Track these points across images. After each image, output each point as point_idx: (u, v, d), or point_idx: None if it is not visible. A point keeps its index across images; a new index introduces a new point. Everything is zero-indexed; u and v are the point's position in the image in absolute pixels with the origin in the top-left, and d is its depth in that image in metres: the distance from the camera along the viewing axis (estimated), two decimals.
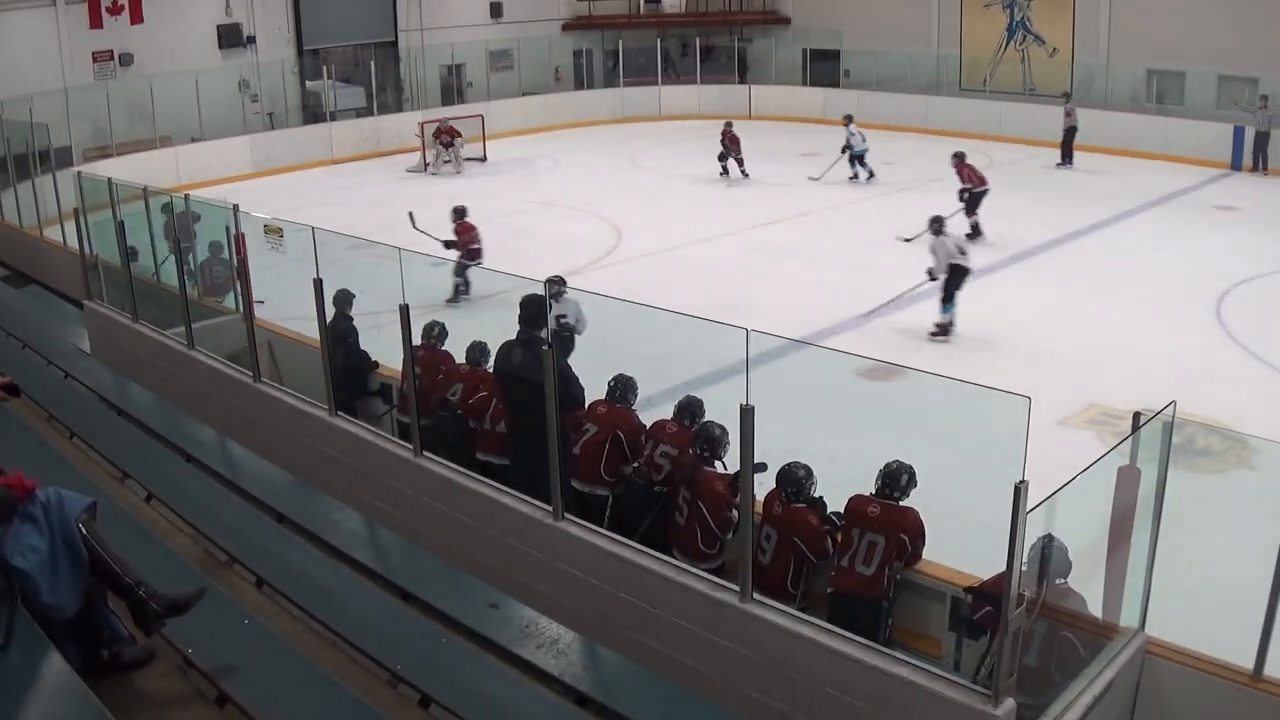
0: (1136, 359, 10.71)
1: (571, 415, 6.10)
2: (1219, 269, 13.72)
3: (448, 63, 26.91)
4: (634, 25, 30.17)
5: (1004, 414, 3.78)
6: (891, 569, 5.12)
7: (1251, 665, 4.41)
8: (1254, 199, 18.19)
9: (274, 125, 24.16)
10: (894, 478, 5.27)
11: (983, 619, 4.68)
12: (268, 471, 6.24)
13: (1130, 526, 4.62)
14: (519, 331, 6.14)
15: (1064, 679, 4.37)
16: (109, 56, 22.05)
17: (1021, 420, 3.63)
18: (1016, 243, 15.24)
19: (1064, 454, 4.68)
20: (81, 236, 9.87)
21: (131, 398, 7.50)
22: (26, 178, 15.43)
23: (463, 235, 12.86)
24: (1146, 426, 4.40)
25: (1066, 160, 20.99)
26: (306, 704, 3.76)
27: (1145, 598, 4.61)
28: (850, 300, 12.66)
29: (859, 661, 4.29)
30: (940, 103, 25.30)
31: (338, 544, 5.23)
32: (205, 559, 4.95)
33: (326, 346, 7.01)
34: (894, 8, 26.96)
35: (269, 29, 24.40)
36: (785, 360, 7.13)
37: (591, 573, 5.28)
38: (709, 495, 5.58)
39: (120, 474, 5.93)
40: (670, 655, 4.92)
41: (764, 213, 17.38)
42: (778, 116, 27.80)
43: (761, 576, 5.09)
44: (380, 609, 4.58)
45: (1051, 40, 24.91)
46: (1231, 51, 21.19)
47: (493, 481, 5.93)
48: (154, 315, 8.87)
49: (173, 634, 3.90)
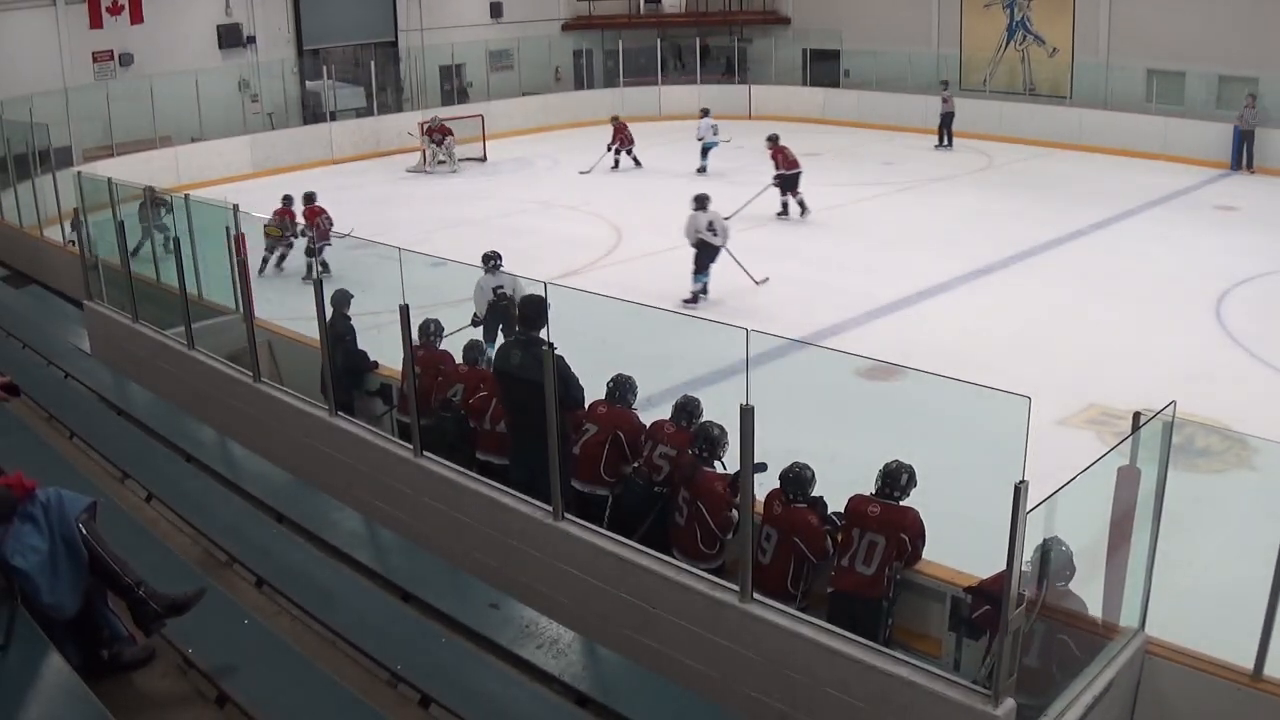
0: (1136, 359, 10.71)
1: (571, 415, 6.09)
2: (1219, 269, 13.72)
3: (448, 63, 26.91)
4: (634, 25, 30.17)
5: (1004, 414, 3.77)
6: (891, 569, 5.12)
7: (1251, 665, 4.41)
8: (1254, 199, 18.19)
9: (274, 125, 24.16)
10: (894, 477, 5.27)
11: (981, 618, 4.68)
12: (268, 471, 6.24)
13: (1130, 526, 4.62)
14: (517, 332, 6.13)
15: (1065, 680, 4.37)
16: (109, 56, 22.05)
17: (1021, 420, 3.63)
18: (1016, 242, 15.24)
19: (1064, 454, 4.68)
20: (81, 236, 9.88)
21: (131, 398, 7.49)
22: (26, 178, 15.44)
23: (310, 219, 13.70)
24: (1146, 426, 4.40)
25: (946, 143, 23.28)
26: (306, 704, 3.75)
27: (1145, 598, 4.61)
28: (850, 300, 12.67)
29: (859, 661, 4.29)
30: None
31: (338, 544, 5.23)
32: (205, 559, 4.95)
33: (326, 346, 7.01)
34: (894, 8, 26.95)
35: (269, 29, 24.40)
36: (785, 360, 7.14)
37: (591, 573, 5.28)
38: (708, 496, 5.58)
39: (120, 474, 5.93)
40: (670, 655, 4.92)
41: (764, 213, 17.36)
42: (778, 116, 27.76)
43: (761, 576, 5.09)
44: (380, 609, 4.58)
45: (1051, 40, 24.90)
46: (1231, 51, 21.19)
47: (493, 481, 5.93)
48: (154, 315, 8.87)
49: (173, 634, 3.90)
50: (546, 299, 5.68)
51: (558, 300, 5.48)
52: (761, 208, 16.76)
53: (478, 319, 9.63)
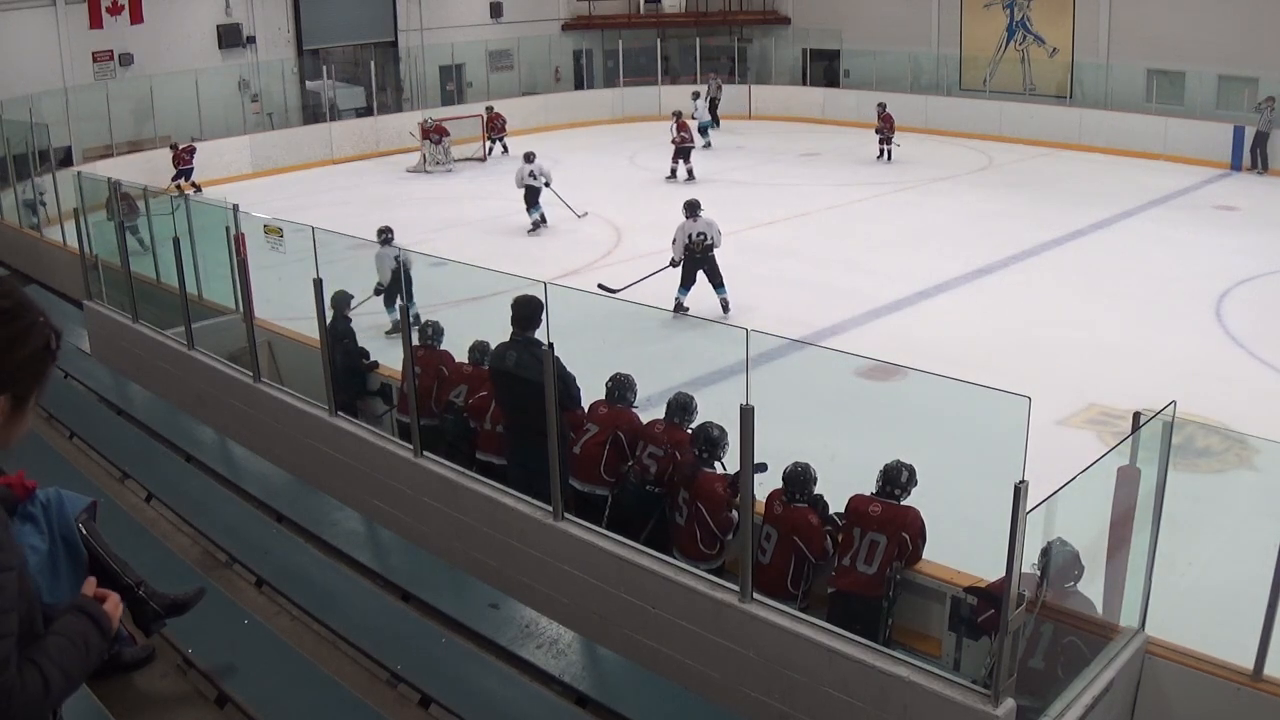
0: (1136, 359, 10.70)
1: (570, 415, 6.09)
2: (1219, 269, 13.72)
3: (448, 63, 26.92)
4: (634, 25, 30.17)
5: (1004, 414, 3.77)
6: (892, 569, 5.12)
7: (1251, 665, 4.41)
8: (1254, 199, 18.20)
9: (274, 125, 24.17)
10: (894, 476, 5.27)
11: (987, 621, 4.67)
12: (267, 471, 6.23)
13: (1130, 526, 4.62)
14: (512, 333, 6.11)
15: (1068, 681, 4.37)
16: (109, 56, 22.05)
17: (1021, 420, 3.63)
18: (1016, 242, 15.24)
19: (1064, 454, 4.68)
20: (81, 236, 9.87)
21: (131, 398, 7.49)
22: (26, 178, 15.44)
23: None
24: (1146, 426, 4.39)
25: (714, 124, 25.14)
26: (306, 704, 3.75)
27: (1145, 597, 4.61)
28: (850, 300, 12.66)
29: (859, 661, 4.29)
30: (940, 103, 25.32)
31: (338, 544, 5.23)
32: (205, 559, 4.94)
33: (326, 346, 7.01)
34: (894, 8, 26.96)
35: (269, 29, 24.40)
36: (785, 360, 7.14)
37: (591, 573, 5.28)
38: (708, 496, 5.58)
39: (120, 474, 5.93)
40: (670, 655, 4.92)
41: (763, 213, 17.38)
42: (778, 116, 27.82)
43: (761, 576, 5.09)
44: (380, 609, 4.58)
45: (1051, 40, 24.91)
46: (1231, 51, 21.20)
47: (492, 481, 5.93)
48: (154, 315, 8.87)
49: (173, 634, 3.90)
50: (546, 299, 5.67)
51: (557, 300, 5.47)
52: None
53: (381, 287, 11.03)
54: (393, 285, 10.75)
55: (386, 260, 10.86)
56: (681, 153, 20.19)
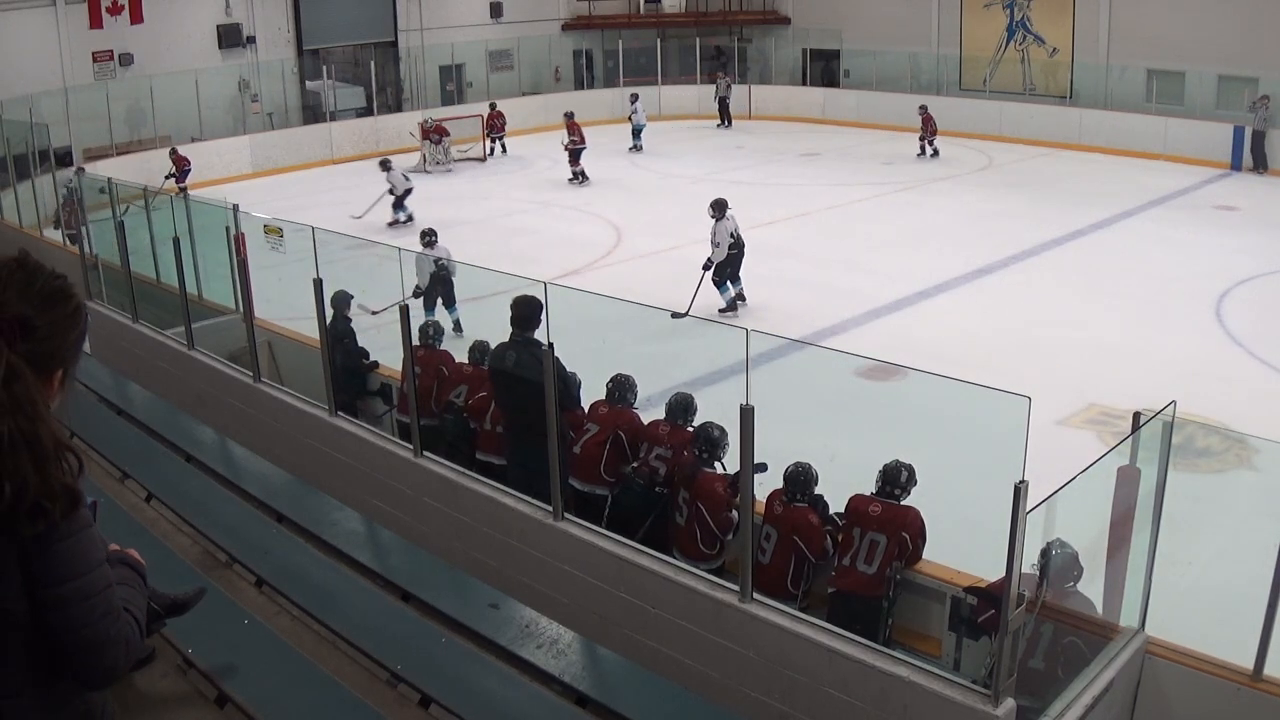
0: (1136, 359, 10.71)
1: (570, 415, 6.09)
2: (1219, 269, 13.72)
3: (448, 63, 26.92)
4: (634, 25, 30.18)
5: (1004, 414, 3.77)
6: (892, 569, 5.12)
7: (1251, 665, 4.41)
8: (1254, 199, 18.20)
9: (274, 125, 24.17)
10: (894, 476, 5.27)
11: (987, 622, 4.67)
12: (267, 471, 6.22)
13: (1130, 526, 4.62)
14: (512, 333, 6.11)
15: (1068, 681, 4.37)
16: (109, 56, 22.05)
17: (1021, 420, 3.63)
18: (1016, 242, 15.25)
19: (1064, 454, 4.68)
20: (81, 236, 9.87)
21: (131, 398, 7.48)
22: (26, 177, 15.44)
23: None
24: (1146, 426, 4.39)
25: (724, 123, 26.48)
26: (306, 704, 3.75)
27: (1145, 597, 4.61)
28: (850, 300, 12.66)
29: (859, 661, 4.29)
30: (940, 103, 25.29)
31: (338, 544, 5.22)
32: (205, 559, 4.94)
33: (326, 346, 7.01)
34: (894, 8, 26.96)
35: (269, 29, 24.41)
36: (785, 360, 7.15)
37: (591, 573, 5.28)
38: (708, 496, 5.58)
39: (120, 474, 5.92)
40: (670, 655, 4.92)
41: (764, 213, 17.38)
42: (778, 116, 27.81)
43: (761, 576, 5.09)
44: (380, 609, 4.58)
45: (1051, 40, 24.92)
46: (1231, 51, 21.20)
47: (493, 481, 5.93)
48: (154, 315, 8.87)
49: (173, 634, 3.89)
50: (546, 299, 5.67)
51: (556, 300, 5.47)
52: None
53: (420, 290, 10.90)
54: (430, 288, 11.07)
55: (426, 264, 11.05)
56: (573, 155, 19.95)
